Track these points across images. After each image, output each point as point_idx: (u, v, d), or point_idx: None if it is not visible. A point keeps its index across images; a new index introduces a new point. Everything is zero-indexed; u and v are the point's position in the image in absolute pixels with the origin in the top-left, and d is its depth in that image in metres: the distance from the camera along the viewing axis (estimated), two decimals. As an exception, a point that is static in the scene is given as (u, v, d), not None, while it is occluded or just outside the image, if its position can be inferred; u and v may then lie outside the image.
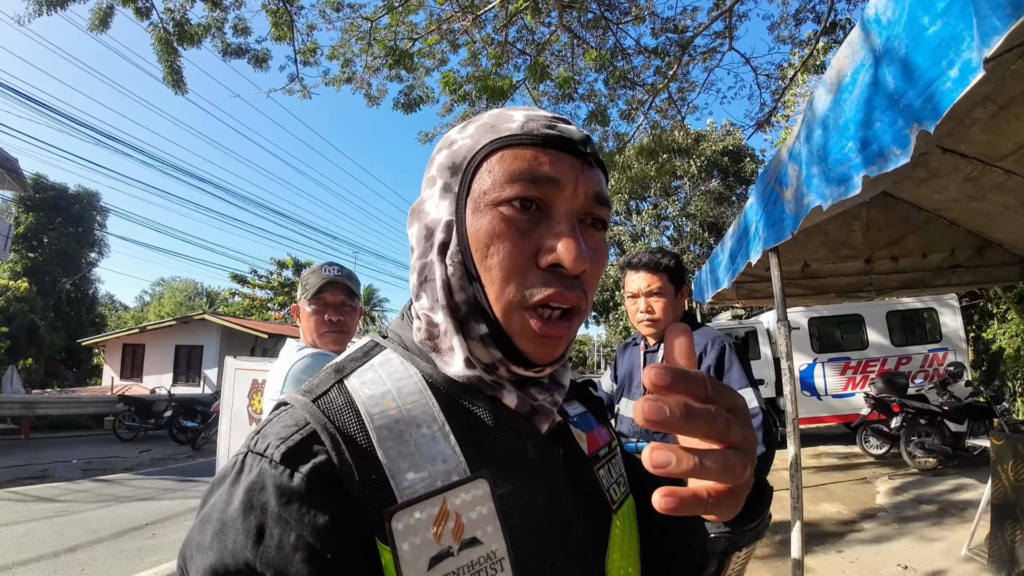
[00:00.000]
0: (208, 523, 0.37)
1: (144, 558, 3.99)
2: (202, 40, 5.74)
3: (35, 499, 5.79)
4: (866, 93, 1.39)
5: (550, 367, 0.47)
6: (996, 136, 2.52)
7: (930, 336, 7.89)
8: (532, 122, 0.45)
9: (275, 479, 0.36)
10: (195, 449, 9.51)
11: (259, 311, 25.87)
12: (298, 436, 0.39)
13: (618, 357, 2.16)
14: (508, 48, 6.81)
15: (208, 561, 0.35)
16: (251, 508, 0.36)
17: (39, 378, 16.58)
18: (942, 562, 3.43)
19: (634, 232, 20.27)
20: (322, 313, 1.53)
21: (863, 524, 4.31)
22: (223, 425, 2.21)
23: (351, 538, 0.37)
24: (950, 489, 5.18)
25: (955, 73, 1.06)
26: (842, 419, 7.72)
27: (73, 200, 19.44)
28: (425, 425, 0.42)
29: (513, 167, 0.43)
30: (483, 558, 0.39)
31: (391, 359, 0.48)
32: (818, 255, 4.28)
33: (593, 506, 0.50)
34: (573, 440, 0.53)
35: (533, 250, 0.43)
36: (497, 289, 0.44)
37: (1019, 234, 3.74)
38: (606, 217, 0.48)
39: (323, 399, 0.42)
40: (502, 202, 0.43)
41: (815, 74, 7.40)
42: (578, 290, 0.44)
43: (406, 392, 0.44)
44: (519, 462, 0.45)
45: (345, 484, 0.38)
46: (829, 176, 1.71)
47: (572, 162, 0.44)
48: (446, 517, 0.39)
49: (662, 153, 7.86)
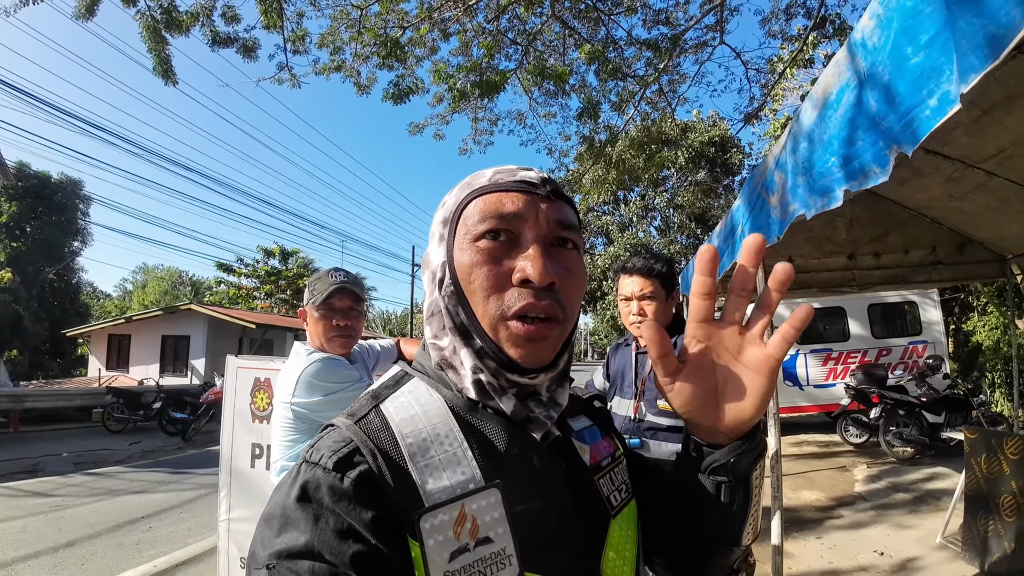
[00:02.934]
0: (272, 519, 0.45)
1: (143, 551, 4.02)
2: (190, 28, 5.64)
3: (29, 494, 5.77)
4: (850, 113, 1.45)
5: (543, 374, 0.53)
6: (978, 139, 2.60)
7: (910, 329, 8.09)
8: (498, 175, 0.56)
9: (328, 481, 0.45)
10: (185, 440, 9.48)
11: (245, 300, 25.65)
12: (345, 449, 0.48)
13: (610, 356, 2.25)
14: (500, 38, 6.78)
15: (279, 546, 0.43)
16: (309, 501, 0.45)
17: (24, 370, 16.33)
18: (917, 549, 3.57)
19: (622, 222, 20.35)
20: (330, 318, 1.57)
21: (841, 511, 4.47)
22: (226, 422, 2.25)
23: (389, 531, 0.45)
24: (926, 478, 5.36)
25: (934, 103, 1.12)
26: (823, 409, 7.91)
27: (56, 189, 19.00)
28: (448, 443, 0.51)
29: (484, 209, 0.53)
30: (494, 554, 0.47)
31: (419, 387, 0.56)
32: (802, 251, 4.37)
33: (591, 511, 0.56)
34: (575, 453, 0.60)
35: (507, 272, 0.52)
36: (481, 308, 0.52)
37: (999, 233, 3.86)
38: (574, 238, 0.56)
39: (363, 421, 0.51)
40: (478, 237, 0.53)
41: (804, 68, 7.47)
42: (549, 300, 0.51)
43: (431, 415, 0.53)
44: (526, 473, 0.52)
45: (383, 490, 0.46)
46: (813, 187, 1.77)
47: (533, 199, 0.54)
48: (464, 519, 0.47)
49: (651, 145, 7.90)
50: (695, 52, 6.97)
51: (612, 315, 20.00)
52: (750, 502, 0.54)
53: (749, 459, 0.52)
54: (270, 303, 25.47)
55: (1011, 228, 3.64)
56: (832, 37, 6.55)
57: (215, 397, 9.84)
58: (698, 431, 0.52)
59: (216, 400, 9.79)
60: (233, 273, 25.34)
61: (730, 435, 0.51)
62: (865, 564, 3.40)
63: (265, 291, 25.74)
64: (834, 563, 3.43)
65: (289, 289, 25.48)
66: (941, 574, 3.19)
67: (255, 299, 25.95)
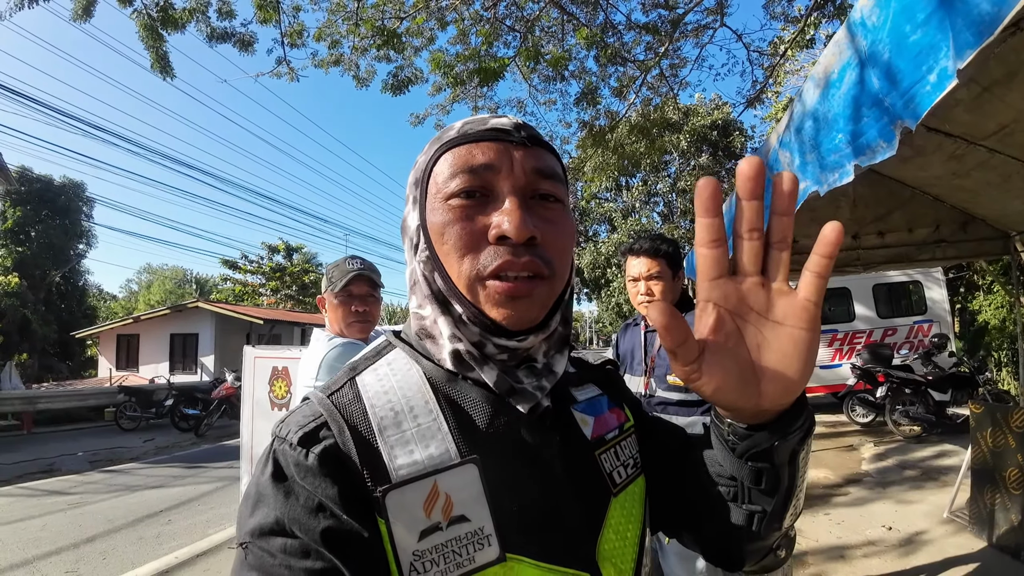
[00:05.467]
0: (248, 497, 0.45)
1: (163, 544, 4.10)
2: (186, 25, 5.64)
3: (47, 493, 5.86)
4: (853, 91, 1.47)
5: (532, 336, 0.49)
6: (979, 116, 2.60)
7: (916, 308, 8.09)
8: (467, 125, 0.52)
9: (294, 457, 0.44)
10: (198, 436, 9.60)
11: (251, 296, 25.80)
12: (312, 424, 0.46)
13: (619, 337, 2.31)
14: (497, 25, 6.75)
15: (252, 524, 0.43)
16: (278, 478, 0.44)
17: (34, 372, 16.51)
18: (924, 524, 3.62)
19: (625, 208, 20.30)
20: (348, 305, 1.63)
21: (849, 488, 4.52)
22: (245, 412, 2.30)
23: (356, 506, 0.43)
24: (933, 455, 5.40)
25: (933, 79, 1.14)
26: (829, 389, 7.94)
27: (59, 191, 19.07)
28: (422, 416, 0.48)
29: (454, 163, 0.49)
30: (470, 534, 0.44)
31: (398, 358, 0.54)
32: (807, 231, 4.37)
33: (589, 489, 0.53)
34: (574, 425, 0.56)
35: (483, 229, 0.48)
36: (456, 270, 0.48)
37: (1002, 210, 3.86)
38: (554, 189, 0.51)
39: (336, 394, 0.49)
40: (450, 196, 0.49)
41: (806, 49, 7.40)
42: (529, 256, 0.47)
43: (407, 387, 0.50)
44: (512, 448, 0.49)
45: (348, 465, 0.44)
46: (824, 164, 1.80)
47: (506, 147, 0.50)
48: (436, 496, 0.44)
49: (653, 129, 7.88)
50: (696, 35, 6.93)
51: (617, 302, 19.99)
52: (796, 485, 0.47)
53: (796, 439, 0.44)
54: (276, 299, 25.60)
55: (1013, 205, 3.63)
56: (833, 16, 6.49)
57: (226, 392, 9.96)
58: (738, 415, 0.44)
59: (227, 395, 9.91)
60: (238, 270, 25.48)
61: (774, 410, 0.43)
62: (873, 538, 3.45)
63: (271, 287, 25.88)
64: (843, 538, 3.48)
65: (295, 284, 25.60)
66: (948, 548, 3.24)
67: (260, 295, 26.10)
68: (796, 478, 0.47)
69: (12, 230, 17.85)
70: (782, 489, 0.47)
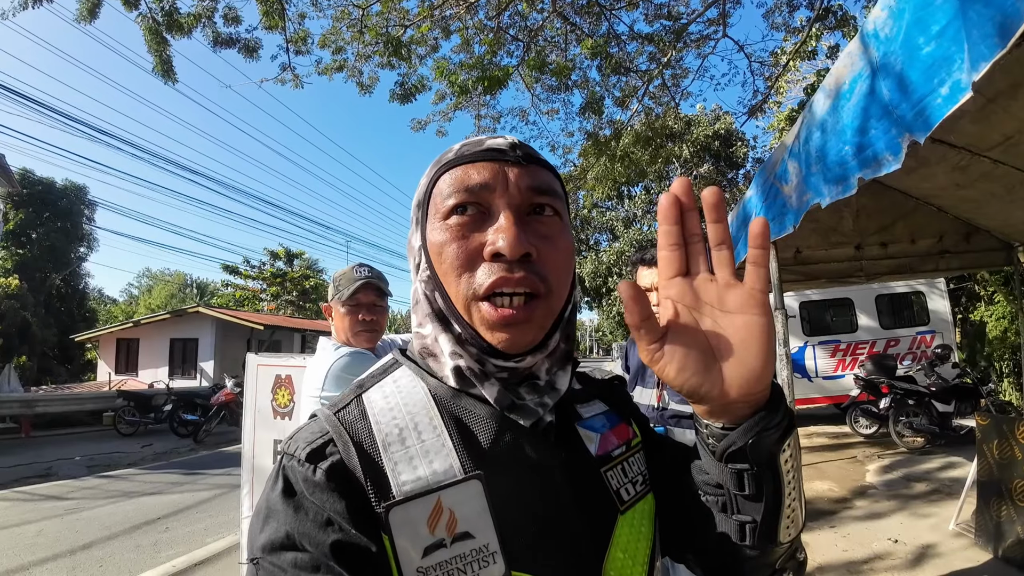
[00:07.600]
0: (259, 512, 0.46)
1: (161, 551, 4.06)
2: (192, 30, 5.67)
3: (43, 498, 5.82)
4: (863, 102, 1.47)
5: (530, 356, 0.50)
6: (984, 127, 2.60)
7: (918, 319, 8.07)
8: (465, 147, 0.53)
9: (303, 473, 0.45)
10: (197, 442, 9.54)
11: (252, 302, 25.79)
12: (319, 440, 0.47)
13: (629, 348, 2.27)
14: (501, 34, 6.79)
15: (263, 539, 0.43)
16: (288, 493, 0.45)
17: (33, 375, 16.46)
18: (931, 537, 3.58)
19: (626, 217, 20.33)
20: (356, 313, 1.61)
21: (854, 501, 4.48)
22: (247, 420, 2.28)
23: (363, 521, 0.43)
24: (938, 467, 5.36)
25: (946, 91, 1.14)
26: (832, 400, 7.90)
27: (61, 194, 19.12)
28: (426, 433, 0.48)
29: (451, 184, 0.51)
30: (475, 551, 0.44)
31: (404, 375, 0.55)
32: (810, 242, 4.38)
33: (595, 506, 0.52)
34: (579, 442, 0.56)
35: (478, 247, 0.48)
36: (454, 289, 0.49)
37: (1005, 221, 3.86)
38: (554, 204, 0.52)
39: (343, 411, 0.50)
40: (446, 214, 0.50)
41: (807, 60, 7.44)
42: (524, 272, 0.47)
43: (412, 403, 0.51)
44: (517, 465, 0.49)
45: (354, 481, 0.45)
46: (828, 176, 1.80)
47: (501, 166, 0.50)
48: (440, 513, 0.45)
49: (656, 139, 7.90)
50: (698, 46, 6.97)
51: (618, 311, 19.97)
52: (782, 491, 0.47)
53: (772, 438, 0.44)
54: (276, 304, 25.60)
55: (1017, 216, 3.64)
56: (835, 28, 6.54)
57: (226, 398, 9.91)
58: (711, 411, 0.46)
59: (227, 401, 9.86)
60: (239, 275, 25.49)
61: (747, 404, 0.44)
62: (880, 552, 3.41)
63: (271, 293, 25.88)
64: (849, 552, 3.45)
65: (295, 290, 25.61)
66: (955, 561, 3.20)
67: (261, 301, 26.09)
68: (781, 483, 0.47)
69: (13, 232, 17.88)
70: (767, 494, 0.46)
